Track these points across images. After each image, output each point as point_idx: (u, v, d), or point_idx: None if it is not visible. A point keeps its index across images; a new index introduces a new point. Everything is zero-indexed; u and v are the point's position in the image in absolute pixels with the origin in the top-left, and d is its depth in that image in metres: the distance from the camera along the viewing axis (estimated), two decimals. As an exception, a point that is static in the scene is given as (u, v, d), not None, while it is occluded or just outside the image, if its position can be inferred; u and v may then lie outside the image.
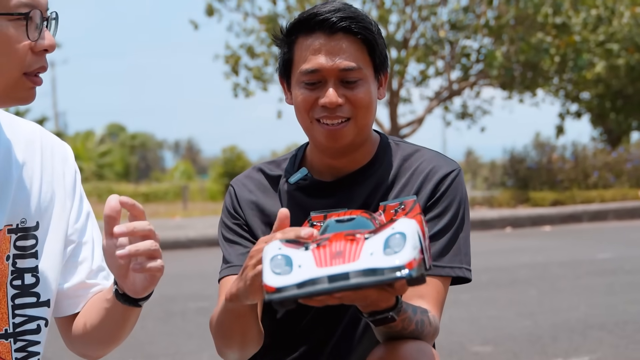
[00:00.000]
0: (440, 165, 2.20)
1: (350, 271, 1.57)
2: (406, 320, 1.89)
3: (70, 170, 2.05)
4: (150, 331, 6.74)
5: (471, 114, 20.51)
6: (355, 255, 1.59)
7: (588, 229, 14.05)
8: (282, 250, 1.63)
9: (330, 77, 2.10)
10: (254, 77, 18.41)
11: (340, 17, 2.10)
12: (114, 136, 51.96)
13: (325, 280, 1.56)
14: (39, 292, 1.92)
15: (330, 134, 2.12)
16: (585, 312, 6.90)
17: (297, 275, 1.58)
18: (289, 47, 2.16)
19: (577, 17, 17.74)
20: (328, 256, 1.60)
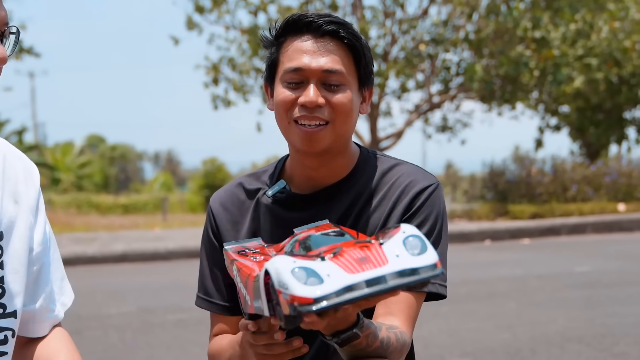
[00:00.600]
0: (418, 179, 2.19)
1: (387, 274, 1.58)
2: (370, 337, 1.87)
3: (34, 188, 2.04)
4: (129, 343, 6.72)
5: (451, 127, 20.58)
6: (383, 259, 1.60)
7: (566, 242, 14.11)
8: (299, 263, 1.59)
9: (313, 77, 2.09)
10: (234, 89, 18.41)
11: (329, 20, 2.10)
12: (93, 147, 51.79)
13: (363, 285, 1.56)
14: (5, 303, 1.91)
15: (306, 136, 2.10)
16: (563, 325, 6.93)
17: (332, 284, 1.55)
18: (277, 48, 2.16)
19: (556, 31, 17.85)
20: (354, 263, 1.59)
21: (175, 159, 69.71)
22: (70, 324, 7.21)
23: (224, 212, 2.27)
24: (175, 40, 18.67)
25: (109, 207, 30.97)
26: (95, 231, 17.52)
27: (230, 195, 2.29)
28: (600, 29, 19.22)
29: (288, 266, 1.58)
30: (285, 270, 1.57)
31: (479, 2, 17.37)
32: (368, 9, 17.65)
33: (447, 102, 19.42)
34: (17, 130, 35.33)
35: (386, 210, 2.17)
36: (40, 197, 2.05)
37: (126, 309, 8.17)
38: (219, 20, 18.29)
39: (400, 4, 17.53)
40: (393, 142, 18.62)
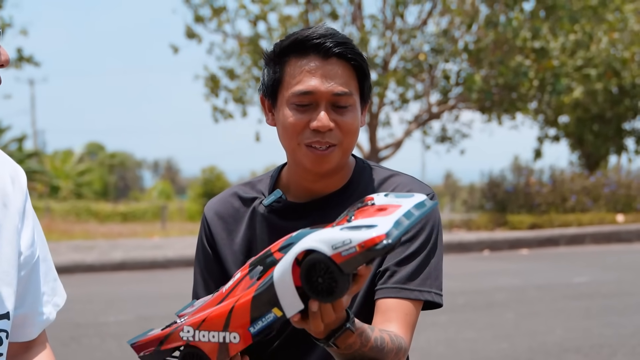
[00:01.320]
0: (413, 189, 2.20)
1: (409, 209, 1.70)
2: (364, 335, 1.88)
3: (21, 192, 2.04)
4: (127, 351, 6.72)
5: (450, 138, 20.59)
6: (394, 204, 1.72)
7: (565, 253, 14.11)
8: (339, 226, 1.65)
9: (323, 100, 2.10)
10: (233, 100, 18.43)
11: (336, 42, 2.10)
12: (93, 155, 51.81)
13: (404, 219, 1.66)
14: None
15: (316, 159, 2.12)
16: (561, 336, 6.93)
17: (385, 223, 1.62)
18: (281, 67, 2.15)
19: (556, 41, 17.89)
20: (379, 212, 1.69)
21: (174, 167, 69.73)
22: (68, 331, 7.22)
23: (218, 221, 2.28)
24: (175, 48, 18.70)
25: (108, 215, 30.96)
26: (94, 239, 17.52)
27: (225, 204, 2.30)
28: (600, 39, 19.25)
29: (335, 230, 1.62)
30: (335, 233, 1.61)
31: (478, 13, 17.40)
32: (368, 19, 17.68)
33: (446, 112, 19.43)
34: (17, 137, 35.38)
35: None
36: (27, 200, 2.06)
37: (124, 317, 8.16)
38: (218, 29, 18.32)
39: (400, 14, 17.56)
40: (392, 152, 18.64)
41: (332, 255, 1.60)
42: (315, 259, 1.62)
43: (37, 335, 2.05)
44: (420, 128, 19.72)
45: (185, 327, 1.81)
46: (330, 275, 1.62)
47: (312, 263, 1.62)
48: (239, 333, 1.75)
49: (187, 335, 1.81)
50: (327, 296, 1.64)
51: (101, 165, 49.12)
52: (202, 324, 1.78)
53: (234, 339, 1.76)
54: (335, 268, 1.60)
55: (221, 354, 1.79)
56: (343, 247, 1.59)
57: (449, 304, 8.61)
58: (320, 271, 1.62)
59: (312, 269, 1.63)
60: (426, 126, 19.94)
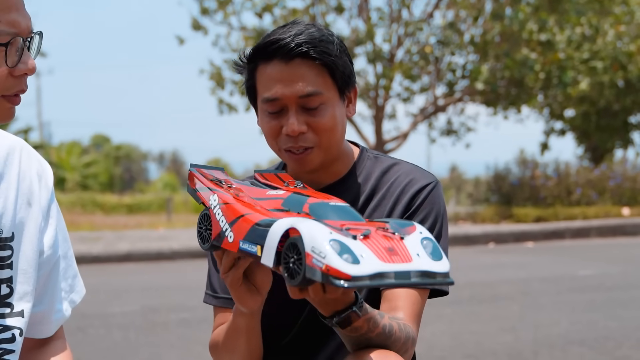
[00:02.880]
0: (417, 178, 2.21)
1: (411, 271, 1.64)
2: (371, 321, 1.89)
3: (47, 190, 2.05)
4: (132, 342, 6.73)
5: (456, 131, 20.56)
6: (408, 256, 1.66)
7: (570, 246, 14.11)
8: (335, 235, 1.63)
9: (291, 105, 2.09)
10: (239, 92, 18.42)
11: (298, 42, 2.07)
12: (98, 147, 51.83)
13: (392, 276, 1.62)
14: (13, 303, 1.92)
15: (296, 162, 2.14)
16: (566, 328, 6.93)
17: (367, 266, 1.60)
18: (250, 74, 2.16)
19: (562, 34, 17.85)
20: (384, 251, 1.65)
21: (179, 160, 69.69)
22: (74, 322, 7.24)
23: None
24: (181, 40, 18.68)
25: (113, 206, 30.96)
26: (99, 230, 17.54)
27: None
28: (606, 32, 19.20)
29: (325, 235, 1.62)
30: (322, 239, 1.61)
31: (484, 5, 17.37)
32: (374, 11, 17.65)
33: (452, 105, 19.41)
34: (23, 129, 35.40)
35: (386, 210, 2.19)
36: (52, 198, 2.06)
37: (130, 308, 8.19)
38: (224, 21, 18.29)
39: (406, 6, 17.53)
40: (398, 145, 18.62)
41: (307, 253, 1.62)
42: (298, 242, 1.65)
43: (54, 332, 2.07)
44: (426, 121, 19.69)
45: (217, 195, 1.88)
46: (299, 264, 1.65)
47: (294, 243, 1.65)
48: (234, 237, 1.81)
49: (212, 203, 1.89)
50: (289, 277, 1.67)
51: (107, 157, 49.12)
52: (224, 205, 1.85)
53: (229, 237, 1.82)
54: (304, 265, 1.63)
55: (217, 239, 1.86)
56: (317, 255, 1.60)
57: (454, 296, 8.62)
58: (296, 254, 1.65)
59: (293, 247, 1.66)
60: (432, 119, 19.91)
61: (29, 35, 1.82)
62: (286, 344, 2.23)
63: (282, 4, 17.63)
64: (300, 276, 1.64)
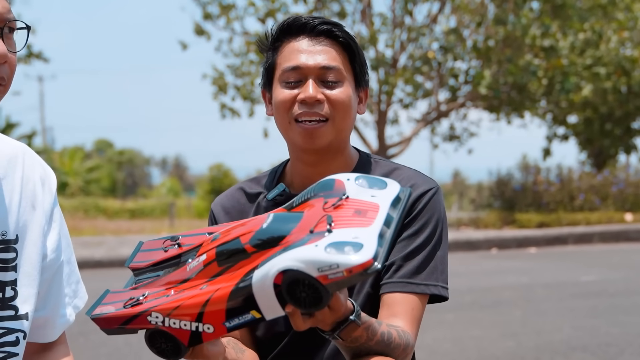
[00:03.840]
0: (418, 183, 2.20)
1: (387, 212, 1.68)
2: (370, 329, 1.89)
3: (50, 194, 2.05)
4: (134, 347, 6.73)
5: (458, 136, 20.56)
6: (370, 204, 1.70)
7: (573, 252, 14.09)
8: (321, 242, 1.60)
9: (311, 74, 2.13)
10: (242, 97, 18.44)
11: (324, 21, 2.16)
12: (101, 152, 51.91)
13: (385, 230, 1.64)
14: (17, 306, 1.92)
15: (307, 133, 2.13)
16: (568, 334, 6.92)
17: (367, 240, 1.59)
18: (273, 52, 2.20)
19: (565, 40, 17.85)
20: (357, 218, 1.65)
21: (182, 164, 69.78)
22: (76, 327, 7.24)
23: (225, 216, 2.30)
24: (184, 45, 18.71)
25: (116, 211, 30.98)
26: (102, 235, 17.55)
27: (231, 199, 2.32)
28: (609, 38, 19.20)
29: (317, 250, 1.58)
30: (317, 254, 1.57)
31: (487, 11, 17.37)
32: (377, 16, 17.66)
33: (455, 110, 19.41)
34: (26, 134, 35.46)
35: None
36: (56, 202, 2.07)
37: (132, 313, 8.17)
38: (227, 27, 18.32)
39: (409, 11, 17.54)
40: (401, 150, 18.62)
41: (318, 276, 1.57)
42: (298, 276, 1.59)
43: (57, 337, 2.07)
44: (429, 126, 19.69)
45: (154, 312, 1.73)
46: (314, 291, 1.60)
47: (294, 279, 1.59)
48: (213, 325, 1.71)
49: (156, 320, 1.74)
50: (311, 307, 1.63)
51: (110, 162, 49.20)
52: (174, 311, 1.72)
53: (207, 329, 1.72)
54: (321, 287, 1.58)
55: (193, 340, 1.74)
56: (330, 270, 1.56)
57: (456, 302, 8.62)
58: (304, 287, 1.60)
59: (296, 284, 1.60)
60: (434, 124, 19.91)
61: (2, 23, 1.81)
62: (281, 349, 2.23)
63: (285, 9, 17.65)
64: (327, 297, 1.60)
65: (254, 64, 18.41)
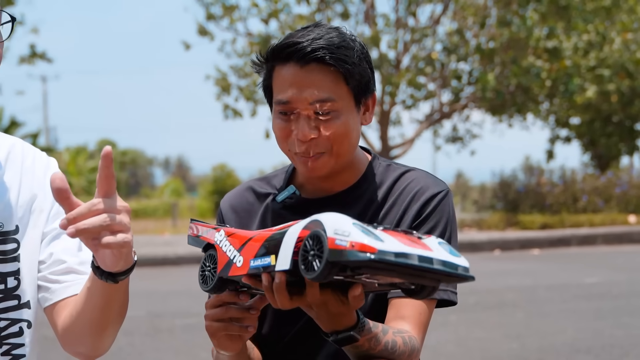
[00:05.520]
0: (428, 185, 2.18)
1: (434, 258, 1.65)
2: (373, 340, 1.87)
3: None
4: (137, 347, 6.73)
5: (461, 138, 20.55)
6: (428, 247, 1.68)
7: (576, 253, 14.07)
8: (356, 221, 1.64)
9: (303, 109, 2.05)
10: (244, 98, 18.45)
11: (314, 47, 2.02)
12: (104, 152, 51.83)
13: (415, 258, 1.62)
14: (20, 295, 1.92)
15: (307, 166, 2.09)
16: (572, 336, 6.91)
17: (391, 245, 1.61)
18: (268, 74, 2.12)
19: (569, 41, 17.83)
20: (406, 239, 1.66)
21: (185, 165, 69.85)
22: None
23: (232, 215, 2.28)
24: (187, 45, 18.71)
25: (120, 211, 30.96)
26: (105, 236, 17.53)
27: (240, 198, 2.30)
28: (613, 40, 19.19)
29: (348, 219, 1.63)
30: (345, 221, 1.62)
31: (490, 13, 17.36)
32: (380, 17, 17.65)
33: (457, 112, 19.39)
34: (31, 133, 35.45)
35: (397, 217, 2.16)
36: None
37: (135, 314, 8.18)
38: (230, 27, 18.32)
39: (412, 12, 17.53)
40: (404, 151, 18.62)
41: (329, 237, 1.61)
42: (319, 232, 1.65)
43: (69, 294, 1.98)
44: (431, 127, 19.68)
45: (222, 230, 1.90)
46: (320, 253, 1.63)
47: (315, 234, 1.65)
48: (244, 259, 1.81)
49: (218, 239, 1.89)
50: (307, 271, 1.65)
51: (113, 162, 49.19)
52: (231, 236, 1.87)
53: (238, 262, 1.82)
54: (327, 249, 1.61)
55: (224, 270, 1.85)
56: (341, 236, 1.60)
57: (459, 303, 8.54)
58: (316, 245, 1.64)
59: (315, 238, 1.65)
60: (437, 126, 19.89)
61: None
62: (285, 345, 2.22)
63: (288, 10, 17.65)
64: (322, 262, 1.62)
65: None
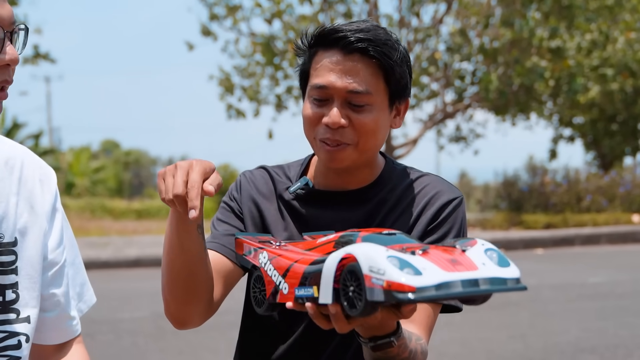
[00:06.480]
0: (444, 191, 2.18)
1: (479, 278, 1.59)
2: (402, 347, 1.88)
3: (50, 193, 2.03)
4: (141, 348, 6.73)
5: (464, 137, 20.54)
6: (473, 265, 1.61)
7: (580, 253, 14.06)
8: (392, 252, 1.57)
9: (338, 97, 2.05)
10: (248, 98, 18.46)
11: (359, 37, 2.04)
12: (108, 152, 51.97)
13: (459, 285, 1.56)
14: (19, 309, 1.91)
15: (328, 155, 2.09)
16: (576, 336, 6.91)
17: (430, 277, 1.54)
18: (309, 58, 2.13)
19: (572, 41, 17.82)
20: (447, 262, 1.59)
21: (189, 165, 69.65)
22: (83, 327, 7.24)
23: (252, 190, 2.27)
24: (190, 45, 18.73)
25: (122, 212, 30.99)
26: (109, 236, 17.57)
27: (261, 180, 2.29)
28: (616, 39, 19.17)
29: (382, 253, 1.57)
30: (379, 256, 1.56)
31: (494, 13, 17.35)
32: (384, 17, 17.65)
33: (461, 111, 19.39)
34: (33, 134, 35.49)
35: (411, 220, 2.16)
36: (57, 201, 2.05)
37: (139, 314, 8.18)
38: (233, 28, 18.33)
39: (415, 12, 17.53)
40: (407, 151, 18.61)
41: (365, 275, 1.57)
42: (355, 267, 1.60)
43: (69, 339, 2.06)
44: (435, 127, 19.67)
45: (265, 252, 1.85)
46: (359, 290, 1.59)
47: (352, 269, 1.60)
48: (289, 286, 1.76)
49: (262, 261, 1.85)
50: (350, 308, 1.62)
51: (116, 162, 49.22)
52: (275, 259, 1.82)
53: (284, 289, 1.77)
54: (365, 288, 1.57)
55: (272, 295, 1.82)
56: (376, 274, 1.55)
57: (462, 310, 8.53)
58: (354, 281, 1.60)
59: (351, 274, 1.61)
60: (440, 125, 19.89)
61: (10, 27, 1.81)
62: (290, 344, 2.21)
63: (291, 10, 17.65)
64: (362, 302, 1.58)
65: (260, 65, 18.42)
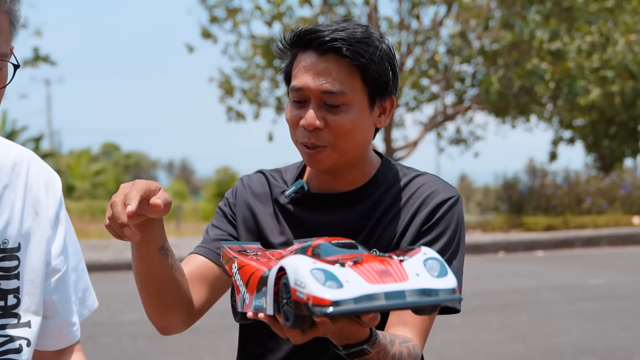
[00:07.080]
0: (439, 190, 2.15)
1: (406, 290, 1.56)
2: (382, 352, 1.85)
3: (55, 199, 2.04)
4: (142, 350, 6.73)
5: (464, 140, 20.54)
6: (404, 275, 1.58)
7: (581, 255, 14.06)
8: (318, 264, 1.55)
9: (314, 98, 2.04)
10: (248, 100, 18.47)
11: (333, 37, 2.02)
12: (108, 155, 51.99)
13: (382, 297, 1.54)
14: (20, 314, 1.91)
15: (309, 158, 2.09)
16: (576, 337, 6.90)
17: (351, 290, 1.52)
18: (290, 60, 2.13)
19: (572, 43, 17.82)
20: (375, 273, 1.57)
21: (189, 168, 69.88)
22: (84, 330, 7.24)
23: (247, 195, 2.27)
24: (190, 48, 18.74)
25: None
26: (109, 238, 17.55)
27: (258, 184, 2.29)
28: (616, 41, 19.17)
29: (307, 266, 1.55)
30: (303, 269, 1.54)
31: (493, 15, 17.36)
32: (383, 20, 17.66)
33: (461, 114, 19.39)
34: (34, 137, 35.50)
35: (405, 220, 2.14)
36: (61, 207, 2.05)
37: (139, 316, 8.18)
38: (234, 30, 18.34)
39: (415, 15, 17.54)
40: (407, 153, 18.61)
41: (292, 288, 1.55)
42: (285, 281, 1.59)
43: (67, 345, 2.06)
44: (435, 130, 19.67)
45: (237, 262, 1.84)
46: (290, 303, 1.58)
47: (285, 282, 1.59)
48: (249, 296, 1.75)
49: (234, 270, 1.84)
50: (285, 320, 1.61)
51: (116, 165, 49.28)
52: (242, 268, 1.81)
53: (247, 298, 1.76)
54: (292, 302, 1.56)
55: (241, 306, 1.80)
56: (299, 287, 1.53)
57: (463, 305, 8.52)
58: (286, 294, 1.59)
59: (285, 286, 1.60)
60: (440, 128, 19.89)
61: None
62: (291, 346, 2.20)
63: (291, 13, 17.66)
64: (292, 315, 1.57)
65: (260, 67, 18.43)
